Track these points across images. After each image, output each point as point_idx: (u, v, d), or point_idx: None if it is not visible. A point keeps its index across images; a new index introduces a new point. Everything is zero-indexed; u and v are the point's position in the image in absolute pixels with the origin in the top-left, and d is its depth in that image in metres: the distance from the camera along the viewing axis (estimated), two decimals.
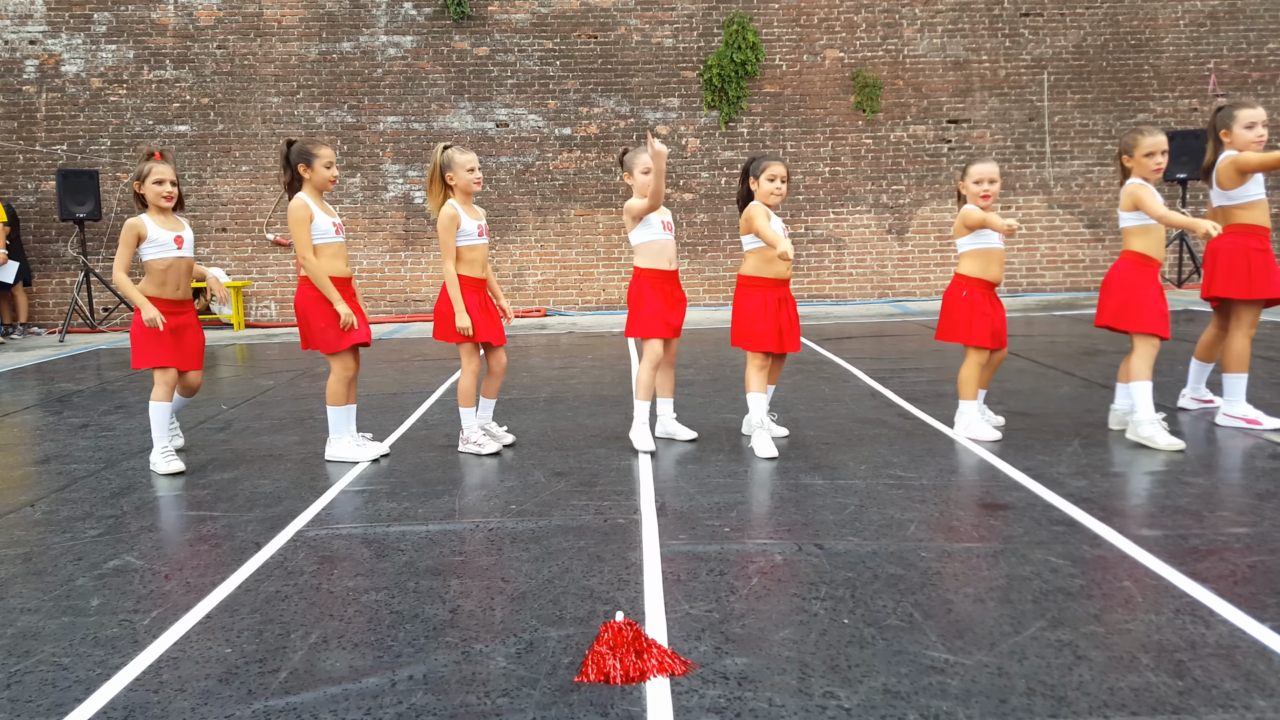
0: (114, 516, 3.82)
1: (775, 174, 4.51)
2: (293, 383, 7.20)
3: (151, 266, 4.52)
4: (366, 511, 3.78)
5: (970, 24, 12.23)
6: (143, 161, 4.51)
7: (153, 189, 4.47)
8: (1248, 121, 4.50)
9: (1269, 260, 4.53)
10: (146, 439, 5.28)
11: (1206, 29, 12.24)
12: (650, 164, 4.48)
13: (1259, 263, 4.52)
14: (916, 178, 12.30)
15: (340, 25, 12.06)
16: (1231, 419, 4.64)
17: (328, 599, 2.87)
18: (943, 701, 2.13)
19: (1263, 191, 4.57)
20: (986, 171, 4.56)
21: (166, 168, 4.51)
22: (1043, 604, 2.63)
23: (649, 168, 4.52)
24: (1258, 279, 4.51)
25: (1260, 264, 4.52)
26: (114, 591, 3.00)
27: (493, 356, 4.76)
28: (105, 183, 11.87)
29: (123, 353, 9.53)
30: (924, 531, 3.29)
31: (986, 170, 4.57)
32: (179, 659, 2.49)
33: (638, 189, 4.60)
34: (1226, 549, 3.00)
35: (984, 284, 4.60)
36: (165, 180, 4.49)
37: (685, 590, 2.83)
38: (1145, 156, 4.39)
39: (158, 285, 4.52)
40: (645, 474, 4.19)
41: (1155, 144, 4.37)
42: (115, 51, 11.95)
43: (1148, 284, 4.41)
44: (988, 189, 4.55)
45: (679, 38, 12.18)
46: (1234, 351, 4.61)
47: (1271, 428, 4.54)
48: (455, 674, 2.35)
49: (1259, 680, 2.17)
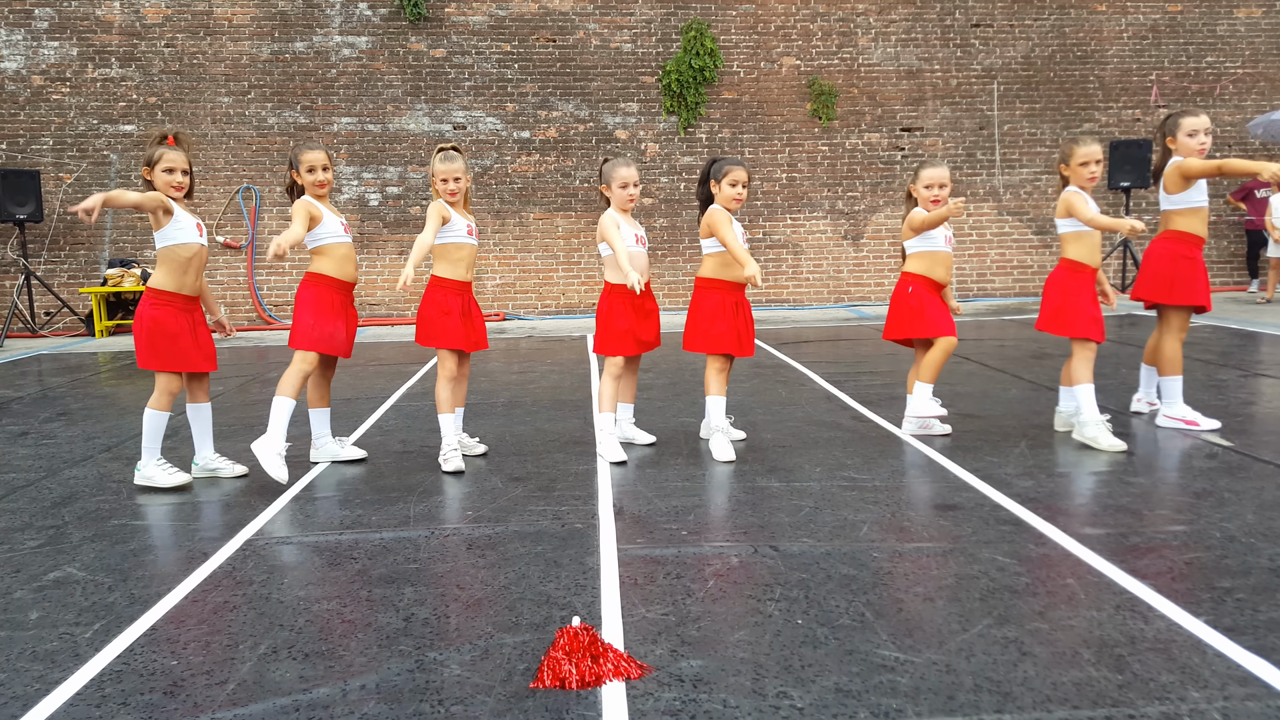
0: (55, 527, 3.74)
1: (737, 179, 4.53)
2: (243, 389, 7.09)
3: (175, 255, 4.14)
4: (319, 519, 3.74)
5: (923, 34, 12.43)
6: (154, 145, 4.14)
7: (162, 177, 4.10)
8: (1190, 129, 4.62)
9: (1196, 268, 4.66)
10: (90, 446, 5.17)
11: (1149, 42, 12.57)
12: (628, 178, 4.51)
13: (1185, 270, 4.65)
14: (871, 184, 12.46)
15: (293, 25, 11.91)
16: (1171, 420, 4.76)
17: (277, 609, 2.83)
18: (893, 699, 2.16)
19: (1204, 199, 4.70)
20: (937, 176, 4.65)
21: (179, 154, 4.13)
22: (990, 602, 2.69)
23: (627, 181, 4.52)
24: (1180, 285, 4.65)
25: (1186, 271, 4.65)
26: (54, 604, 2.93)
27: (464, 362, 4.63)
28: (47, 183, 11.60)
29: (65, 358, 9.31)
30: (876, 532, 3.33)
31: (937, 175, 4.65)
32: (122, 672, 2.44)
33: (616, 201, 4.57)
34: (1165, 546, 3.09)
35: (930, 282, 4.69)
36: (176, 169, 4.12)
37: (642, 594, 2.84)
38: (1080, 165, 4.52)
39: (179, 278, 4.16)
40: (603, 479, 4.20)
41: (1089, 153, 4.50)
42: (58, 49, 11.68)
43: (1080, 289, 4.52)
44: (938, 194, 4.63)
45: (638, 43, 12.22)
46: (1165, 355, 4.74)
47: (1209, 429, 4.67)
48: (408, 683, 2.33)
49: (1194, 673, 2.23)
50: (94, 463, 4.78)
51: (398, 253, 12.00)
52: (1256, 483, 3.77)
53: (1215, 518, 3.36)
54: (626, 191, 4.53)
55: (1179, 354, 4.73)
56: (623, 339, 4.57)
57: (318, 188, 4.36)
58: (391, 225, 12.06)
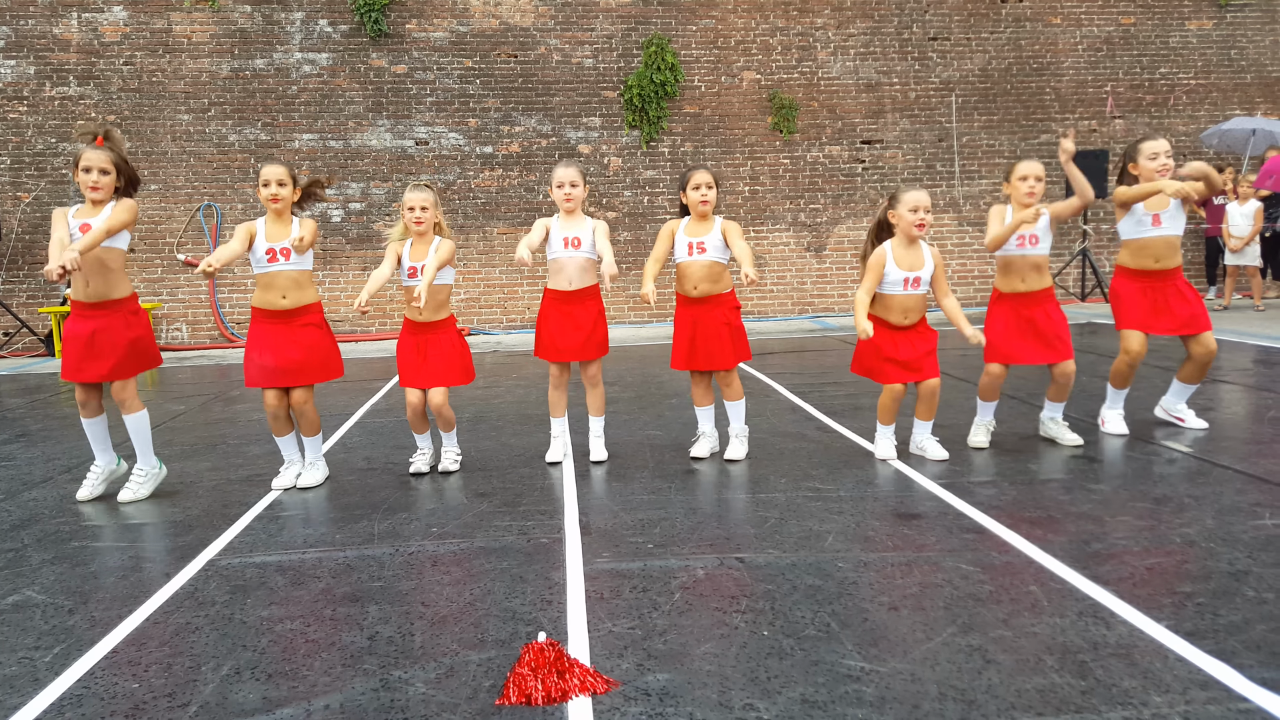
0: (14, 550, 3.66)
1: (699, 182, 4.56)
2: (205, 407, 6.99)
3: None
4: (281, 538, 3.70)
5: (881, 48, 12.59)
6: (81, 143, 4.16)
7: (81, 177, 4.11)
8: (1150, 153, 4.70)
9: (1131, 297, 4.81)
10: (50, 468, 5.07)
11: (1103, 54, 12.83)
12: (562, 178, 4.55)
13: (1121, 300, 4.85)
14: (833, 196, 12.58)
15: (253, 42, 11.83)
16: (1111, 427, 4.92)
17: (240, 629, 2.79)
18: (859, 709, 2.17)
19: (1147, 232, 4.74)
20: (921, 200, 4.38)
21: (95, 153, 4.08)
22: (954, 610, 2.71)
23: (561, 181, 4.56)
24: (1118, 313, 4.86)
25: (1122, 301, 4.84)
26: (13, 628, 2.87)
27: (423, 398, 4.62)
28: (5, 203, 11.40)
29: (24, 379, 9.14)
30: (841, 542, 3.35)
31: (922, 199, 4.39)
32: (83, 696, 2.40)
33: (556, 202, 4.62)
34: (1126, 552, 3.14)
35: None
36: (92, 168, 4.09)
37: (608, 608, 2.84)
38: (1020, 180, 4.58)
39: (75, 283, 4.20)
40: (569, 493, 4.19)
41: (1028, 169, 4.58)
42: (15, 67, 11.51)
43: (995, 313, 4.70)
44: (923, 217, 4.36)
45: (599, 58, 12.27)
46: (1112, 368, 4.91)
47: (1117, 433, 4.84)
48: (373, 702, 2.31)
49: (1156, 678, 2.27)
50: (54, 484, 4.70)
51: (360, 269, 11.92)
52: (1215, 488, 3.84)
53: (1175, 523, 3.42)
54: (562, 191, 4.57)
55: (1120, 371, 4.83)
56: (546, 346, 4.67)
57: (270, 202, 4.30)
58: (355, 241, 11.98)
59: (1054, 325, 4.56)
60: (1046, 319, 4.57)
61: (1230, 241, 10.88)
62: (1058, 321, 4.58)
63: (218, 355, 10.87)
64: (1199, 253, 12.84)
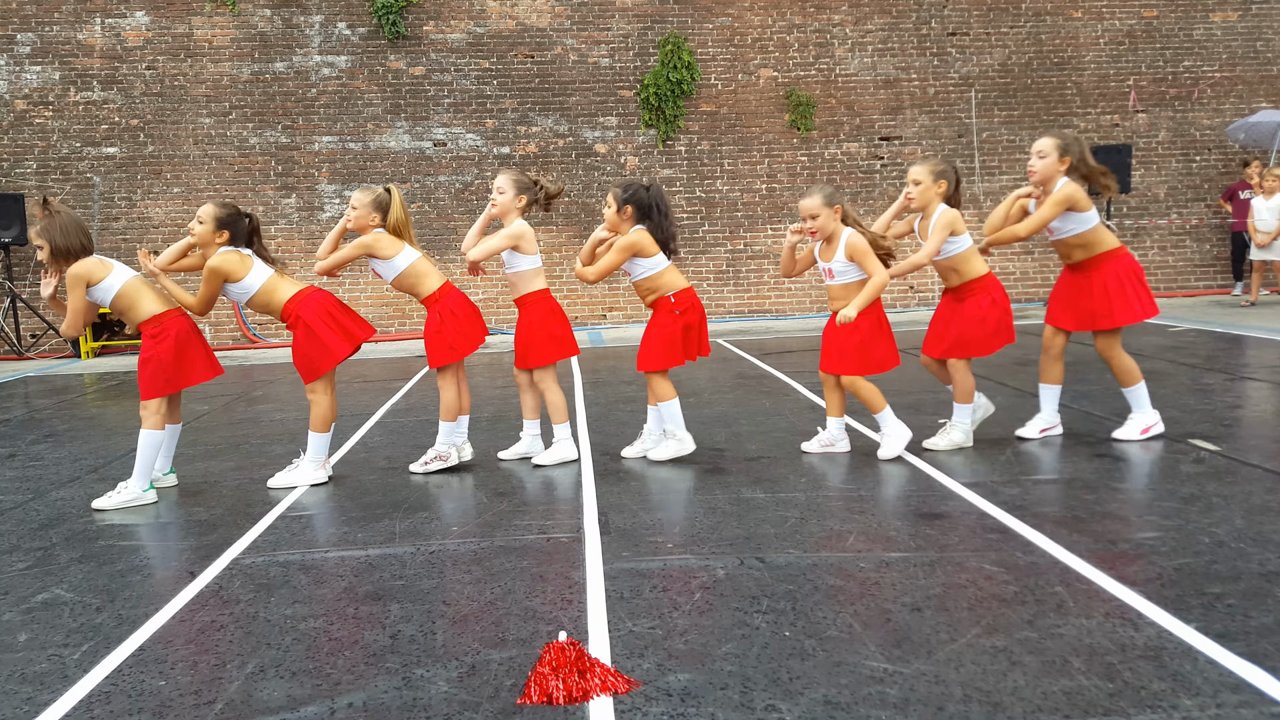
0: (43, 549, 3.70)
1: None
2: (228, 408, 7.05)
3: None
4: (304, 537, 3.72)
5: (899, 43, 12.53)
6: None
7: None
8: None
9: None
10: (76, 468, 5.13)
11: (1125, 47, 12.70)
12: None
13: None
14: (851, 194, 12.52)
15: (273, 45, 11.91)
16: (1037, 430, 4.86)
17: (264, 627, 2.81)
18: (882, 711, 2.16)
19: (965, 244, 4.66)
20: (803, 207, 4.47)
21: (30, 230, 4.28)
22: (978, 611, 2.69)
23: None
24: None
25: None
26: (43, 625, 2.90)
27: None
28: (31, 207, 11.53)
29: (51, 380, 9.25)
30: (863, 542, 3.34)
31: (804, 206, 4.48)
32: (111, 693, 2.42)
33: None
34: (1153, 552, 3.10)
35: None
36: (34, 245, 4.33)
37: (628, 608, 2.84)
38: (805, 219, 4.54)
39: None
40: (588, 492, 4.19)
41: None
42: (40, 73, 11.64)
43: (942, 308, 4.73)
44: (809, 225, 4.46)
45: (615, 57, 12.27)
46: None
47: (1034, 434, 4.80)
48: (396, 700, 2.32)
49: (1185, 680, 2.24)
50: (81, 484, 4.75)
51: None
52: (1244, 487, 3.79)
53: (1203, 523, 3.37)
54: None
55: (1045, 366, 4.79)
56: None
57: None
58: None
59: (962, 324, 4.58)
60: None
61: (1257, 236, 10.74)
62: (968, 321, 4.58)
63: (240, 356, 10.95)
64: (1225, 248, 12.70)
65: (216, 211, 4.43)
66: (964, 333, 4.55)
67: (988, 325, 4.53)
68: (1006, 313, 4.60)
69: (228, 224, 4.44)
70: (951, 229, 4.49)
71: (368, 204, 4.60)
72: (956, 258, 4.58)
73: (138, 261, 4.49)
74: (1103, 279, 4.53)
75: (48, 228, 4.22)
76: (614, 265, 4.65)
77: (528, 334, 4.76)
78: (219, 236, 4.42)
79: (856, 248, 4.45)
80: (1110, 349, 4.57)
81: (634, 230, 4.64)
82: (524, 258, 4.75)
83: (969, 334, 4.55)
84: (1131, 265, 4.58)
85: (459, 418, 4.74)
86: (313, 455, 4.55)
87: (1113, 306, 4.49)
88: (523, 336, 4.79)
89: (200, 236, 4.43)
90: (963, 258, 4.59)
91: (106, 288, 4.26)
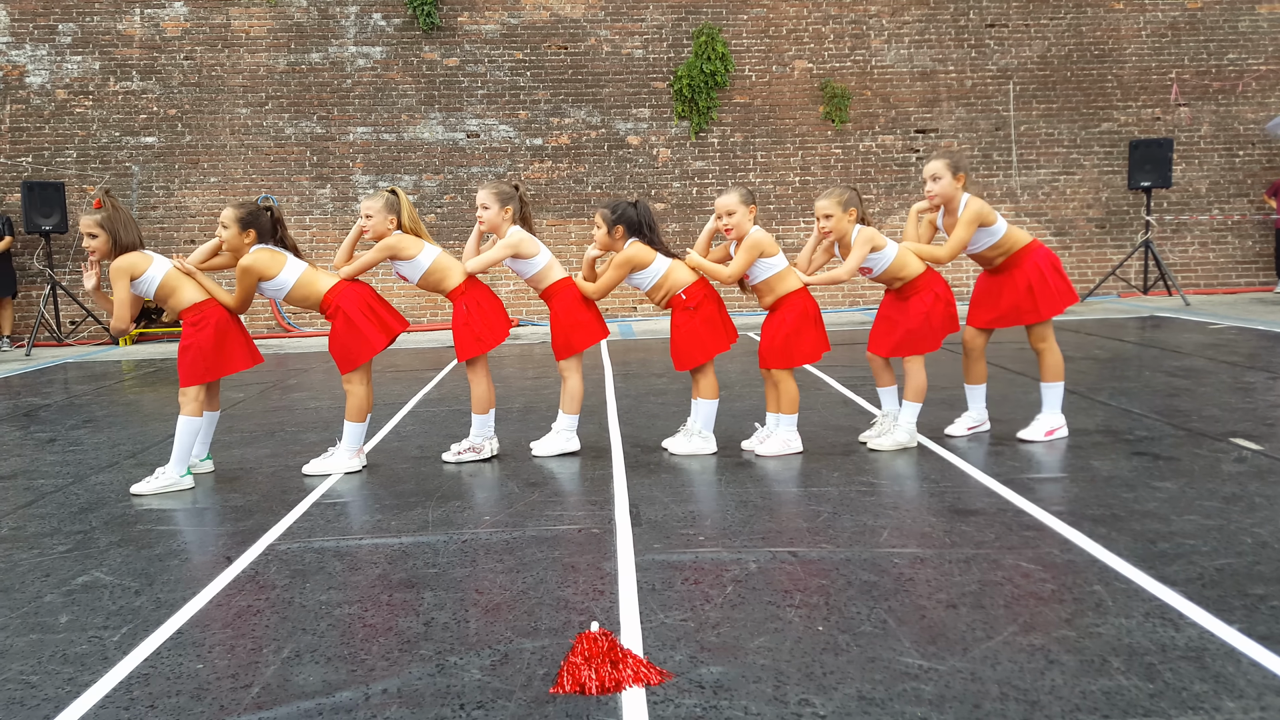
0: (83, 532, 3.77)
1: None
2: (263, 395, 7.13)
3: None
4: (339, 524, 3.75)
5: (936, 35, 12.38)
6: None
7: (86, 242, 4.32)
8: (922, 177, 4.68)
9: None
10: (115, 453, 5.21)
11: (1168, 39, 12.47)
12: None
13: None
14: (885, 187, 12.41)
15: (309, 36, 12.00)
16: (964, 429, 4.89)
17: (300, 613, 2.84)
18: (917, 707, 2.14)
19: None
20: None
21: (86, 218, 4.27)
22: (1014, 609, 2.66)
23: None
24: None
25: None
26: (83, 608, 2.95)
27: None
28: (71, 195, 11.72)
29: (90, 366, 9.40)
30: (897, 538, 3.31)
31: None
32: (150, 675, 2.45)
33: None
34: (1194, 552, 3.05)
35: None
36: (84, 233, 4.28)
37: (660, 599, 2.83)
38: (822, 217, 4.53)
39: None
40: (619, 484, 4.19)
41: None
42: (81, 63, 11.81)
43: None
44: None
45: (649, 49, 12.23)
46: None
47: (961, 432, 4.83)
48: (430, 687, 2.33)
49: (1228, 682, 2.20)
50: (119, 469, 4.82)
51: None
52: None
53: (1246, 523, 3.31)
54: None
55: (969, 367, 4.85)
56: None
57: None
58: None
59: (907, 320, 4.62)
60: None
61: None
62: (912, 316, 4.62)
63: (275, 345, 11.06)
64: (1268, 245, 12.45)
65: (237, 214, 4.48)
66: (911, 330, 4.61)
67: (933, 321, 4.60)
68: (950, 305, 4.69)
69: (250, 222, 4.48)
70: (871, 245, 4.52)
71: (381, 208, 4.61)
72: (891, 269, 4.63)
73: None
74: (1025, 276, 4.62)
75: (112, 220, 4.27)
76: (615, 281, 4.73)
77: (559, 323, 4.77)
78: (246, 237, 4.47)
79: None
80: (1044, 341, 4.70)
81: (628, 245, 4.67)
82: (528, 261, 4.75)
83: (916, 331, 4.60)
84: (1048, 257, 4.70)
85: (489, 411, 4.75)
86: (348, 444, 4.59)
87: (1038, 302, 4.61)
88: (556, 326, 4.79)
89: (229, 242, 4.49)
90: (897, 265, 4.63)
91: (149, 279, 4.31)
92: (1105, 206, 12.53)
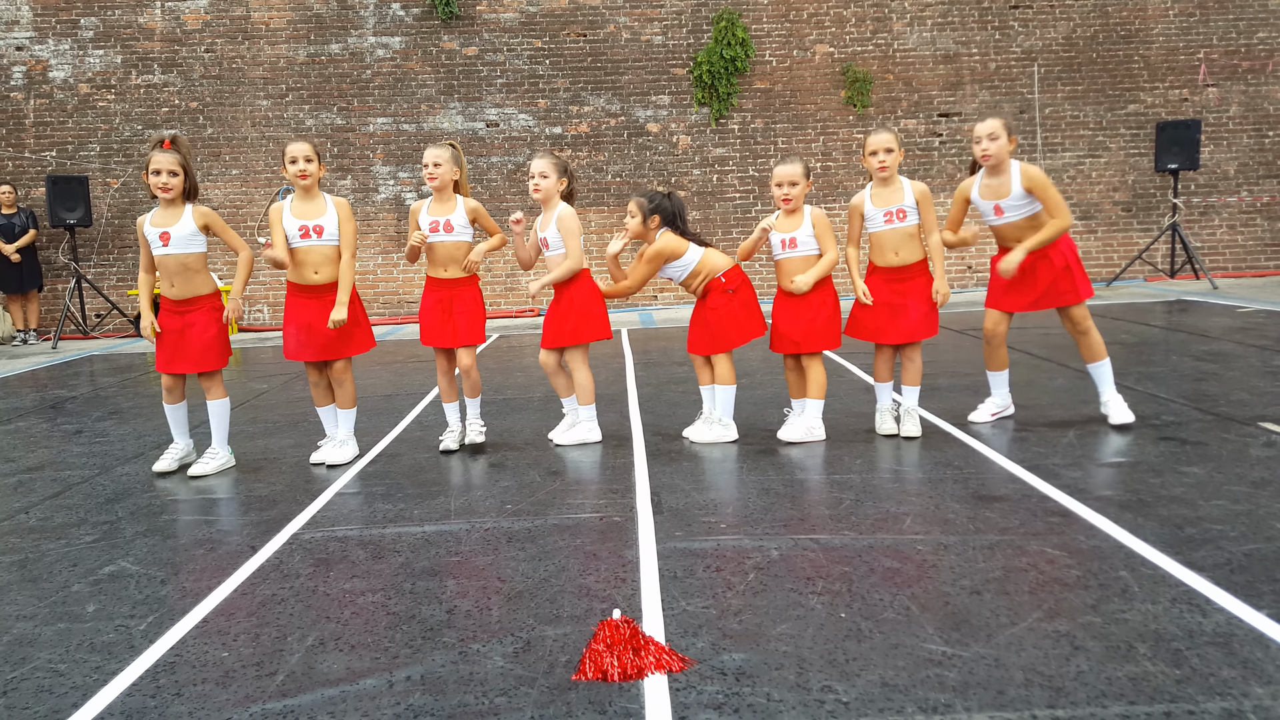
0: (109, 522, 3.81)
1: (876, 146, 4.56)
2: (286, 386, 7.18)
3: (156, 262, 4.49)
4: (362, 513, 3.78)
5: (960, 17, 12.24)
6: (150, 150, 4.39)
7: (151, 179, 4.36)
8: (871, 148, 4.56)
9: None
10: (140, 444, 5.26)
11: (1196, 19, 12.26)
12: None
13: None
14: (909, 171, 12.30)
15: (328, 27, 12.02)
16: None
17: (324, 601, 2.86)
18: (940, 694, 2.13)
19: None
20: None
21: (165, 156, 4.32)
22: (1039, 595, 2.64)
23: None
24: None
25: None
26: (109, 597, 2.99)
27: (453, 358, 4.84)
28: (95, 188, 11.83)
29: (115, 359, 9.50)
30: (920, 524, 3.29)
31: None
32: (175, 663, 2.48)
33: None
34: (1222, 537, 3.01)
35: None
36: (162, 170, 4.33)
37: (682, 587, 2.83)
38: (870, 155, 4.52)
39: (162, 283, 4.52)
40: (640, 472, 4.19)
41: (875, 142, 4.52)
42: (103, 56, 11.90)
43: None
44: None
45: (668, 35, 12.17)
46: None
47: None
48: (453, 674, 2.34)
49: (1256, 668, 2.17)
50: (145, 460, 4.87)
51: None
52: None
53: (1275, 508, 3.27)
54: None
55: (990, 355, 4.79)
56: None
57: (299, 179, 4.56)
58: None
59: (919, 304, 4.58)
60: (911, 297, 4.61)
61: None
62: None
63: None
64: None
65: (315, 146, 4.64)
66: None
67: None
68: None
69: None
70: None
71: (449, 159, 4.67)
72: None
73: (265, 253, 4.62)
74: (1062, 255, 4.56)
75: (189, 159, 4.48)
76: (649, 275, 4.71)
77: (573, 308, 4.70)
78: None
79: (820, 222, 4.65)
80: (1086, 321, 4.60)
81: (660, 235, 4.65)
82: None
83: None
84: (1072, 244, 4.65)
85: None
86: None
87: (1076, 282, 4.56)
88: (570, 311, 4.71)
89: (315, 175, 4.61)
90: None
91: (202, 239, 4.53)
92: (1132, 189, 12.36)
